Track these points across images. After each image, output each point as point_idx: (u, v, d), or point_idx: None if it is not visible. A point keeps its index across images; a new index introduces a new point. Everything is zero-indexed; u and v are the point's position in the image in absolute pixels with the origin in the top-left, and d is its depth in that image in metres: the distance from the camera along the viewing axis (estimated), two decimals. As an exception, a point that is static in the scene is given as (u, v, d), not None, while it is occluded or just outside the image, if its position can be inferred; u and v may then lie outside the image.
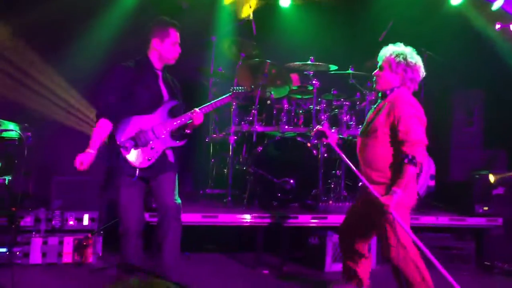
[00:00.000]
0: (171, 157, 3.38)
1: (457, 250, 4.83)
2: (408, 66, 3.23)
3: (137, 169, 3.21)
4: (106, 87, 3.29)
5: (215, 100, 3.57)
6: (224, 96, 3.61)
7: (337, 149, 3.47)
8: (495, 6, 5.92)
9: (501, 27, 5.66)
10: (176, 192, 3.40)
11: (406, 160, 3.04)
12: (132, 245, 3.28)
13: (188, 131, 3.47)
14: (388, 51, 3.31)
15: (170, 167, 3.38)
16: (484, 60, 6.26)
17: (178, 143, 3.39)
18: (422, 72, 3.29)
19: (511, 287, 4.42)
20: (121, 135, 3.21)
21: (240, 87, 3.71)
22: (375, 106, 3.42)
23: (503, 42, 6.16)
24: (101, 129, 3.22)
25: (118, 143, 3.19)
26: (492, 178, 5.09)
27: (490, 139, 5.92)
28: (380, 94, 3.40)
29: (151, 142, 3.25)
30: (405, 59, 3.23)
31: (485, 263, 4.87)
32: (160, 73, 3.43)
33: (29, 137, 4.12)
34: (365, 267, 3.56)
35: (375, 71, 3.37)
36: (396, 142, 3.13)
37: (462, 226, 5.04)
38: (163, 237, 3.32)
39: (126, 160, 3.19)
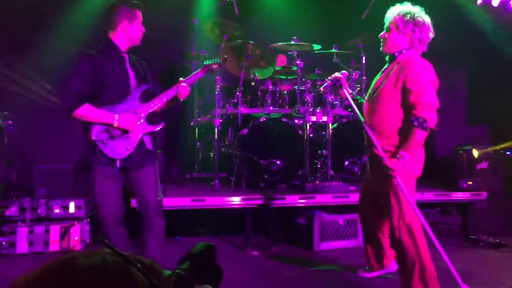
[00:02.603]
0: (148, 144, 3.27)
1: (443, 224, 4.89)
2: (416, 26, 3.03)
3: (118, 160, 3.12)
4: (77, 77, 3.12)
5: (188, 77, 3.40)
6: (196, 72, 3.47)
7: (351, 101, 3.30)
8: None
9: (482, 2, 5.68)
10: (158, 187, 3.33)
11: (416, 123, 2.88)
12: (113, 233, 3.22)
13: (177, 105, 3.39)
14: (395, 11, 3.11)
15: (150, 160, 3.28)
16: (466, 37, 6.29)
17: (154, 127, 3.28)
18: (432, 32, 3.09)
19: (496, 259, 4.50)
20: (94, 128, 3.10)
21: (212, 60, 3.62)
22: (382, 70, 3.24)
23: (484, 18, 6.19)
24: (95, 108, 3.08)
25: (93, 137, 3.08)
26: (475, 153, 5.16)
27: (473, 115, 5.99)
28: (387, 58, 3.21)
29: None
30: (412, 18, 3.02)
31: (471, 236, 4.95)
32: (126, 56, 3.29)
33: (10, 126, 4.04)
34: (384, 249, 3.53)
35: (381, 34, 3.18)
36: (406, 105, 2.97)
37: (447, 201, 5.11)
38: (147, 234, 3.29)
39: (103, 153, 3.10)
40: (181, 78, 3.33)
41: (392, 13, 3.13)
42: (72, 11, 5.53)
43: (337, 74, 3.39)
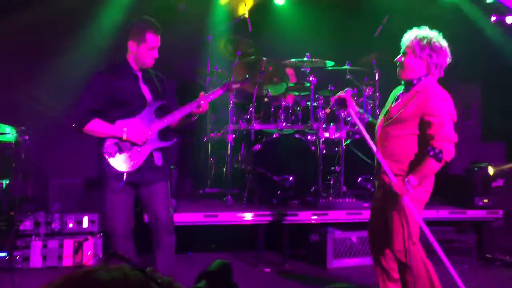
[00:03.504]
0: (158, 159, 3.27)
1: (458, 243, 4.82)
2: (432, 51, 2.99)
3: (124, 174, 3.14)
4: (87, 94, 3.20)
5: (207, 94, 3.42)
6: (216, 89, 3.47)
7: (357, 120, 3.29)
8: (490, -2, 5.93)
9: (496, 19, 5.66)
10: (169, 204, 3.34)
11: (431, 153, 2.86)
12: (121, 247, 3.22)
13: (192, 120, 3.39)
14: (412, 34, 3.07)
15: (161, 176, 3.29)
16: (480, 53, 6.27)
17: (165, 144, 3.29)
18: (449, 57, 3.05)
19: (512, 278, 4.42)
20: (106, 141, 3.15)
21: (233, 79, 3.63)
22: (396, 93, 3.21)
23: (499, 35, 6.16)
24: (104, 123, 3.15)
25: (102, 150, 3.13)
26: (491, 170, 5.09)
27: (488, 131, 5.93)
28: (403, 82, 3.18)
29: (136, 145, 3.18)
30: (429, 42, 2.98)
31: (487, 255, 4.87)
32: (140, 74, 3.30)
33: (26, 140, 4.09)
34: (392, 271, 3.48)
35: (397, 57, 3.15)
36: (424, 136, 2.95)
37: (462, 219, 5.04)
38: (156, 251, 3.30)
39: (111, 166, 3.13)
40: (202, 92, 3.34)
41: (409, 37, 3.09)
42: (87, 28, 5.63)
43: (341, 93, 3.37)
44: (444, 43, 3.05)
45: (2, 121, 4.13)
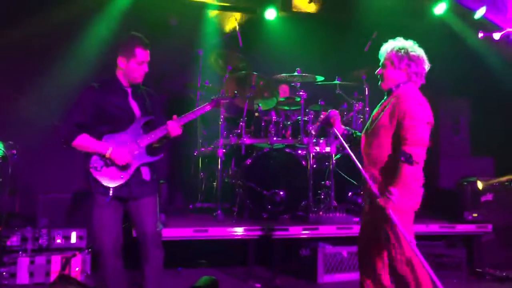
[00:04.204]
0: (146, 174, 3.26)
1: (448, 257, 4.82)
2: (411, 60, 3.06)
3: (111, 189, 3.12)
4: (76, 109, 3.19)
5: (196, 109, 3.45)
6: (204, 105, 3.49)
7: (342, 139, 3.30)
8: (478, 15, 6.03)
9: (483, 35, 5.74)
10: (157, 218, 3.31)
11: (402, 158, 2.89)
12: (110, 265, 3.19)
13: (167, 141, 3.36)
14: (389, 47, 3.14)
15: (148, 190, 3.28)
16: (469, 68, 6.35)
17: (153, 158, 3.28)
18: (427, 64, 3.12)
19: (503, 293, 4.43)
20: (93, 156, 3.13)
21: (221, 95, 3.65)
22: (380, 103, 3.25)
23: (486, 50, 6.25)
24: (91, 138, 3.13)
25: (89, 164, 3.11)
26: (480, 184, 5.12)
27: (477, 146, 5.97)
28: (385, 93, 3.22)
29: None
30: (406, 53, 3.06)
31: (477, 270, 4.87)
32: (129, 90, 3.31)
33: (14, 155, 4.05)
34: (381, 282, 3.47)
35: (377, 70, 3.21)
36: (398, 139, 2.97)
37: (452, 234, 5.05)
38: (145, 265, 3.27)
39: (97, 180, 3.11)
40: (174, 115, 3.32)
41: (386, 49, 3.15)
42: (77, 41, 5.63)
43: (326, 114, 3.35)
44: (420, 52, 3.11)
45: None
